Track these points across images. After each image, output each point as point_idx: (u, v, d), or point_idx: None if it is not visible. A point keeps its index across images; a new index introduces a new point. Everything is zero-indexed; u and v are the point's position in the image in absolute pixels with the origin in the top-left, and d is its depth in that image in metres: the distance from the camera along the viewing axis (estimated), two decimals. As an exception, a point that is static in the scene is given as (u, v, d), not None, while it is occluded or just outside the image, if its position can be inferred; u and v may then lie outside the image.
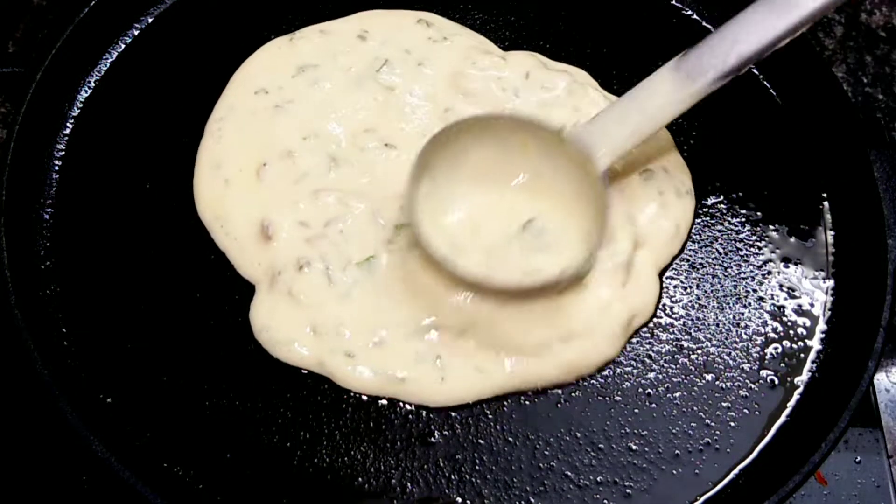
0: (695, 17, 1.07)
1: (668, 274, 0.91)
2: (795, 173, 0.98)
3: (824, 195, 0.96)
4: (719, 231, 0.94)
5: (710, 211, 0.95)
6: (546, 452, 0.82)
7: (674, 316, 0.89)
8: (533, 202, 0.88)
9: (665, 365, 0.87)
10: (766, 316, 0.90)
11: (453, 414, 0.84)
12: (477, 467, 0.82)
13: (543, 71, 0.98)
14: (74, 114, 0.98)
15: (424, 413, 0.84)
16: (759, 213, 0.95)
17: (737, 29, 0.84)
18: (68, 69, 0.98)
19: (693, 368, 0.87)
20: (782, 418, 0.85)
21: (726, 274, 0.92)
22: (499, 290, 0.83)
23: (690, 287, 0.91)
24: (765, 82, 1.03)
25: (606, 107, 0.89)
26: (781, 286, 0.92)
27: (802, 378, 0.87)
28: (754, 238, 0.94)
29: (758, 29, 0.83)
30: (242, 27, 1.03)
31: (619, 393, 0.85)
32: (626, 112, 0.87)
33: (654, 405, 0.85)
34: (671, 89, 0.85)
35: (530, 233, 0.87)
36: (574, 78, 0.98)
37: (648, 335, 0.88)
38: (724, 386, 0.86)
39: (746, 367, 0.87)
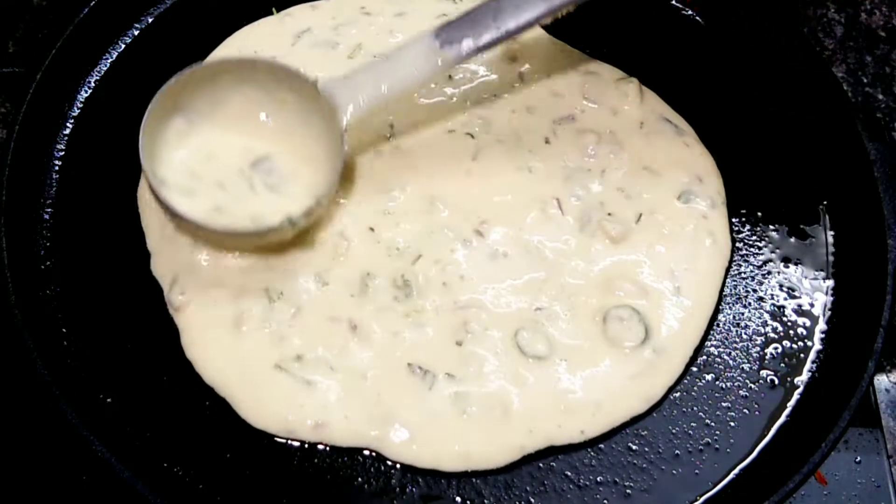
0: (695, 17, 1.07)
1: (668, 274, 0.91)
2: (795, 173, 0.98)
3: (824, 196, 0.96)
4: (719, 231, 0.94)
5: (710, 211, 0.95)
6: (546, 452, 0.82)
7: (674, 316, 0.89)
8: (272, 145, 0.90)
9: (665, 365, 0.87)
10: (766, 316, 0.90)
11: (453, 414, 0.84)
12: (477, 467, 0.82)
13: None
14: (74, 114, 0.98)
15: (424, 413, 0.84)
16: (759, 213, 0.95)
17: (500, 5, 0.88)
18: (68, 69, 0.98)
19: (693, 368, 0.87)
20: (782, 418, 0.85)
21: (726, 274, 0.92)
22: (222, 235, 0.85)
23: (690, 287, 0.91)
24: (764, 82, 1.03)
25: (362, 65, 0.91)
26: (781, 286, 0.92)
27: (802, 378, 0.87)
28: (754, 238, 0.94)
29: (520, 8, 0.87)
30: (242, 27, 1.03)
31: (619, 393, 0.85)
32: (378, 72, 0.89)
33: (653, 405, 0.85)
34: (425, 56, 0.88)
35: (260, 170, 0.88)
36: None
37: (648, 335, 0.88)
38: (724, 386, 0.86)
39: (746, 367, 0.87)
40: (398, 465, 0.81)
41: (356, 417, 0.82)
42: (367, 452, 0.82)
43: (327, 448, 0.82)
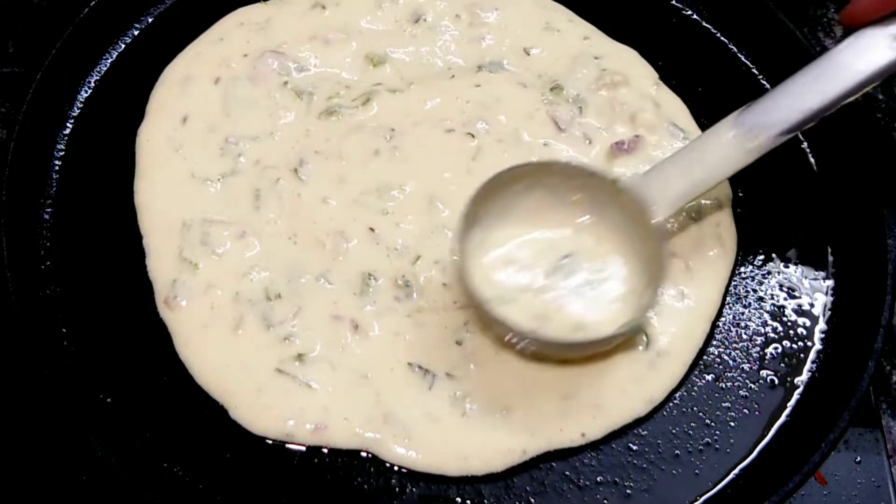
0: (695, 17, 1.07)
1: (668, 274, 0.91)
2: (795, 173, 0.98)
3: (824, 195, 0.96)
4: (719, 231, 0.94)
5: (710, 211, 0.95)
6: (546, 453, 0.82)
7: (674, 316, 0.89)
8: (580, 243, 0.86)
9: (665, 365, 0.87)
10: (766, 316, 0.90)
11: (453, 414, 0.84)
12: (477, 467, 0.82)
13: None
14: (74, 114, 0.98)
15: (424, 413, 0.84)
16: (758, 213, 0.95)
17: (801, 84, 0.82)
18: (68, 69, 0.98)
19: (693, 369, 0.86)
20: (782, 418, 0.85)
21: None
22: (545, 345, 0.82)
23: (690, 287, 0.91)
24: (764, 83, 1.03)
25: (665, 158, 0.87)
26: (781, 286, 0.92)
27: (802, 378, 0.87)
28: (754, 238, 0.94)
29: (823, 86, 0.81)
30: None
31: (619, 393, 0.85)
32: (684, 164, 0.85)
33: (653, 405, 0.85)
34: (732, 144, 0.83)
35: (567, 271, 0.85)
36: None
37: (648, 335, 0.88)
38: (724, 386, 0.86)
39: (746, 367, 0.87)
40: (397, 466, 0.81)
41: (355, 420, 0.82)
42: (365, 454, 0.82)
43: (327, 448, 0.82)
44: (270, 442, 0.82)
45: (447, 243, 0.89)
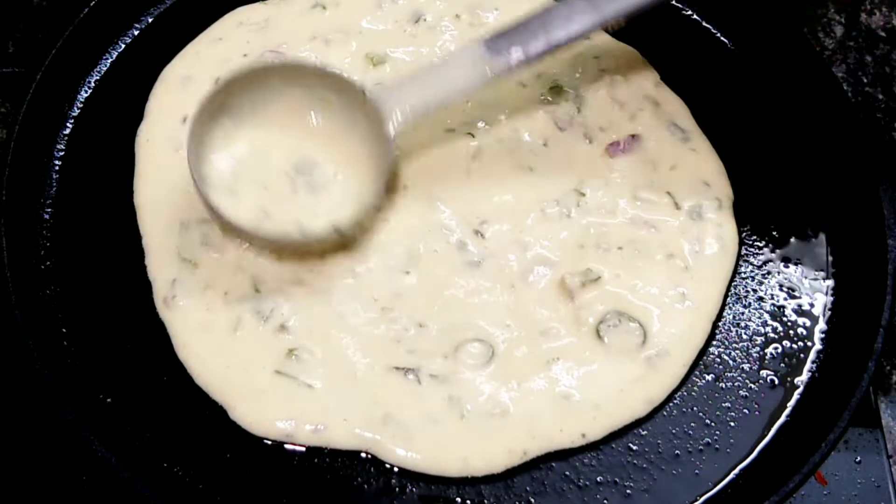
0: (695, 17, 1.07)
1: (668, 274, 0.91)
2: (795, 173, 0.98)
3: (824, 195, 0.96)
4: (719, 231, 0.94)
5: (710, 211, 0.95)
6: (546, 453, 0.82)
7: (674, 316, 0.89)
8: (316, 148, 0.90)
9: (665, 365, 0.87)
10: (766, 316, 0.90)
11: (453, 414, 0.84)
12: (477, 467, 0.82)
13: None
14: (74, 114, 0.98)
15: (424, 413, 0.84)
16: (758, 213, 0.95)
17: (551, 16, 0.88)
18: (68, 69, 0.98)
19: (693, 369, 0.86)
20: (782, 418, 0.85)
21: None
22: (268, 241, 0.86)
23: (690, 287, 0.91)
24: (764, 83, 1.03)
25: (410, 72, 0.91)
26: (781, 286, 0.92)
27: (802, 378, 0.87)
28: (754, 238, 0.94)
29: (571, 20, 0.88)
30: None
31: (619, 393, 0.85)
32: (426, 80, 0.89)
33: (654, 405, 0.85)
34: (473, 65, 0.88)
35: (304, 173, 0.88)
36: None
37: (648, 335, 0.88)
38: (724, 386, 0.86)
39: (746, 367, 0.87)
40: (397, 467, 0.81)
41: (354, 420, 0.82)
42: (365, 454, 0.82)
43: (327, 448, 0.82)
44: (270, 442, 0.82)
45: (448, 243, 0.89)
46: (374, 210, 0.88)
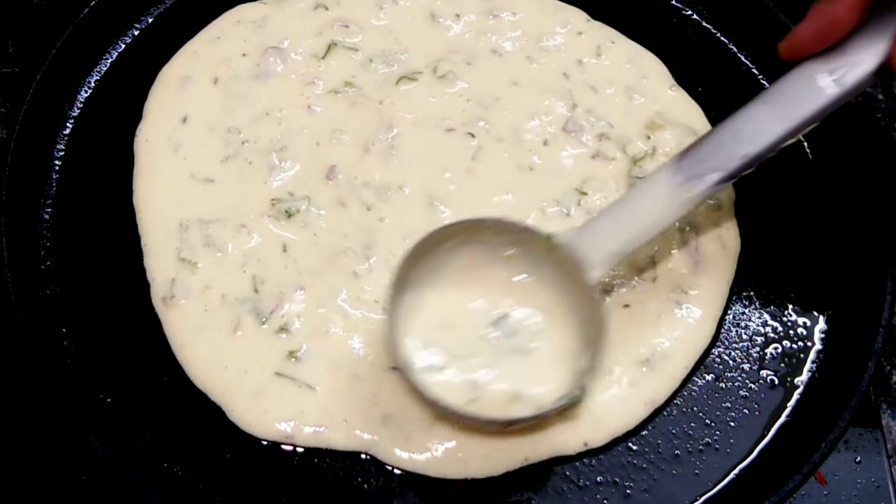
0: (695, 17, 1.07)
1: (668, 274, 0.91)
2: (795, 173, 0.98)
3: (824, 195, 0.96)
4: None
5: (710, 211, 0.95)
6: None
7: (674, 316, 0.89)
8: (514, 303, 0.83)
9: (665, 365, 0.87)
10: (766, 316, 0.90)
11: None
12: (477, 467, 0.82)
13: None
14: (74, 114, 0.98)
15: (424, 413, 0.84)
16: (758, 214, 0.95)
17: (738, 128, 0.79)
18: (68, 69, 0.98)
19: (694, 369, 0.86)
20: (782, 418, 0.85)
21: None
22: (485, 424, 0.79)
23: (690, 287, 0.91)
24: (764, 82, 1.03)
25: (599, 213, 0.83)
26: (781, 286, 0.91)
27: (802, 378, 0.87)
28: (755, 238, 0.94)
29: (761, 127, 0.78)
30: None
31: (619, 393, 0.85)
32: (620, 218, 0.81)
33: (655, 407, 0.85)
34: (669, 195, 0.79)
35: (502, 331, 0.81)
36: None
37: (648, 335, 0.88)
38: (724, 386, 0.86)
39: (746, 367, 0.87)
40: (397, 468, 0.81)
41: (354, 421, 0.82)
42: (364, 455, 0.82)
43: (327, 448, 0.82)
44: (270, 442, 0.82)
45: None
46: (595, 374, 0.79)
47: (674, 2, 1.08)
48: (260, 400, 0.83)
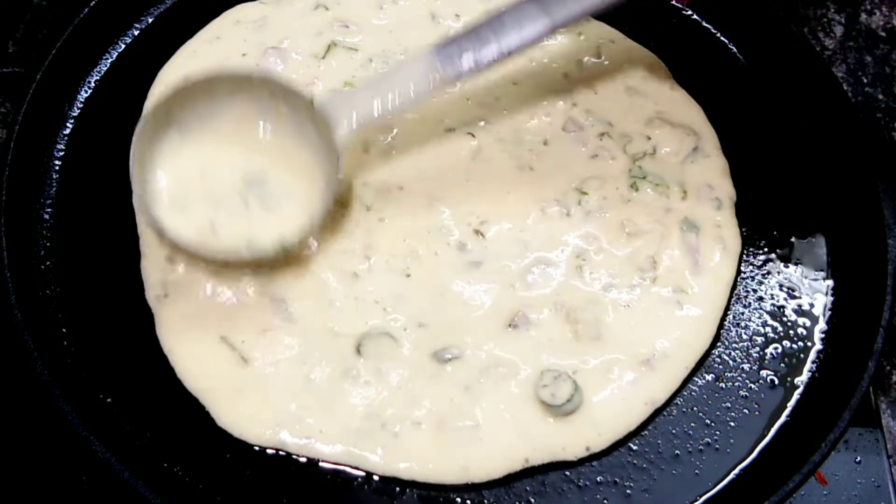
0: (695, 17, 1.07)
1: (668, 274, 0.91)
2: (795, 173, 0.98)
3: (824, 195, 0.96)
4: (719, 231, 0.94)
5: (710, 211, 0.95)
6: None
7: (674, 316, 0.89)
8: (266, 160, 0.88)
9: (665, 365, 0.87)
10: (766, 316, 0.90)
11: (453, 414, 0.84)
12: (477, 467, 0.82)
13: None
14: (74, 114, 0.98)
15: (424, 413, 0.84)
16: (759, 213, 0.95)
17: (502, 22, 0.86)
18: (68, 69, 0.98)
19: (693, 369, 0.86)
20: (782, 418, 0.85)
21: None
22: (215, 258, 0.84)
23: (690, 287, 0.91)
24: (764, 83, 1.03)
25: (360, 81, 0.91)
26: (781, 286, 0.92)
27: (802, 378, 0.87)
28: (754, 238, 0.94)
29: (523, 25, 0.86)
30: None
31: (619, 393, 0.85)
32: (375, 89, 0.87)
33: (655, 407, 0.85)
34: (424, 72, 0.86)
35: (254, 187, 0.87)
36: None
37: (648, 335, 0.88)
38: (724, 386, 0.86)
39: (746, 367, 0.87)
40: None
41: (350, 429, 0.81)
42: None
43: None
44: (270, 442, 0.82)
45: (446, 243, 0.89)
46: (321, 225, 0.86)
47: (674, 2, 1.08)
48: (250, 407, 0.82)
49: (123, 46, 1.02)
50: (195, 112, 0.87)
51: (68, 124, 0.97)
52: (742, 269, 0.92)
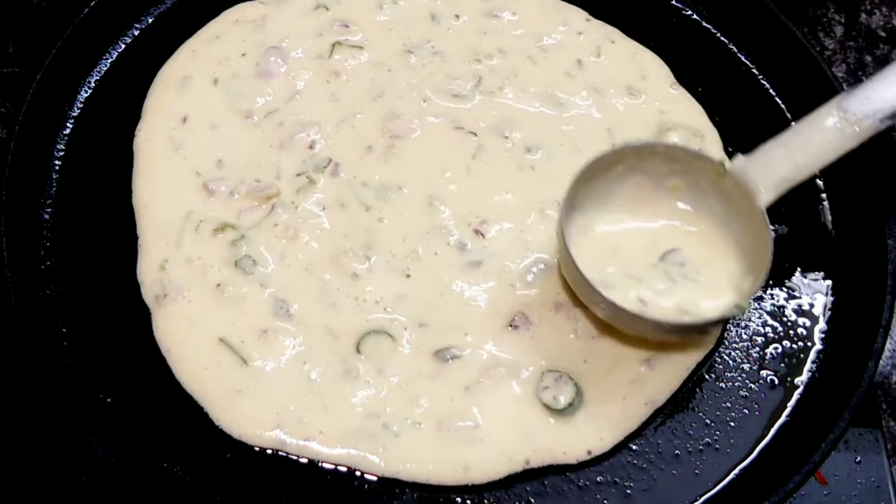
0: (695, 17, 1.07)
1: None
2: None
3: (824, 195, 0.96)
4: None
5: (711, 211, 0.95)
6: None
7: (674, 316, 0.89)
8: (679, 232, 0.86)
9: (665, 365, 0.87)
10: (766, 316, 0.90)
11: (453, 414, 0.84)
12: (477, 467, 0.82)
13: None
14: (74, 114, 0.98)
15: (424, 413, 0.84)
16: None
17: None
18: (68, 69, 0.98)
19: (694, 369, 0.86)
20: (782, 418, 0.85)
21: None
22: (653, 328, 0.81)
23: (690, 287, 0.91)
24: (764, 82, 1.03)
25: (768, 142, 0.84)
26: (781, 286, 0.92)
27: (802, 378, 0.87)
28: (754, 238, 0.94)
29: None
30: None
31: (620, 393, 0.85)
32: (789, 148, 0.83)
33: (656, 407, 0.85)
34: (836, 128, 0.82)
35: (671, 261, 0.85)
36: None
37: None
38: (724, 386, 0.86)
39: (746, 367, 0.87)
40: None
41: (349, 430, 0.81)
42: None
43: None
44: (270, 442, 0.82)
45: (446, 243, 0.89)
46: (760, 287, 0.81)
47: (674, 2, 1.08)
48: (247, 407, 0.82)
49: (123, 46, 1.02)
50: (594, 193, 0.85)
51: (68, 124, 0.97)
52: (742, 269, 0.92)
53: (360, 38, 1.02)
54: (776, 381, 0.87)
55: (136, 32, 1.03)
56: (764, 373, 0.87)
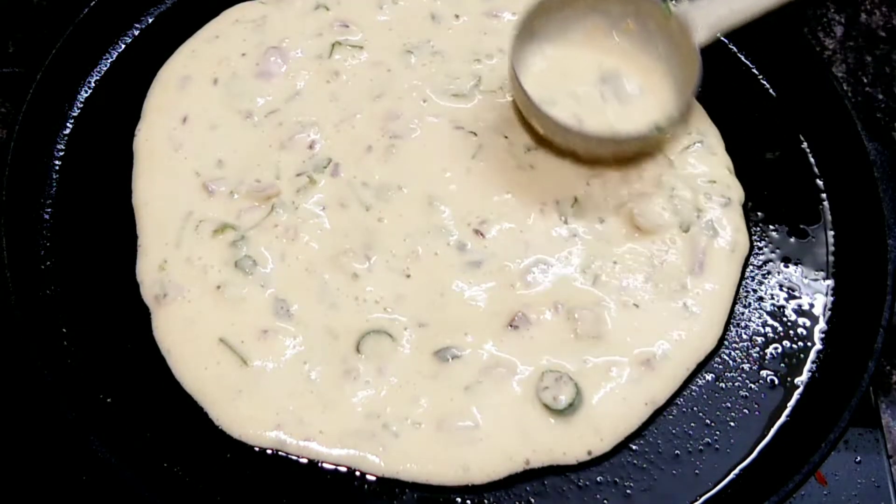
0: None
1: (668, 274, 0.91)
2: (795, 173, 0.98)
3: (824, 195, 0.96)
4: (719, 231, 0.94)
5: (711, 211, 0.95)
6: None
7: (674, 316, 0.89)
8: (623, 63, 0.97)
9: (665, 365, 0.87)
10: (766, 316, 0.90)
11: (453, 414, 0.84)
12: (477, 467, 0.82)
13: None
14: (74, 114, 0.98)
15: (424, 413, 0.84)
16: (759, 214, 0.95)
17: None
18: (68, 69, 0.98)
19: (694, 369, 0.86)
20: (782, 418, 0.85)
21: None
22: (586, 140, 0.90)
23: (690, 287, 0.91)
24: (764, 82, 1.03)
25: None
26: (781, 286, 0.92)
27: (802, 378, 0.87)
28: (754, 238, 0.94)
29: None
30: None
31: (619, 393, 0.85)
32: None
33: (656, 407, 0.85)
34: None
35: (610, 85, 0.95)
36: None
37: (648, 335, 0.88)
38: (724, 386, 0.86)
39: (746, 367, 0.87)
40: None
41: (347, 430, 0.81)
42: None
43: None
44: (270, 442, 0.82)
45: (446, 243, 0.89)
46: (683, 119, 0.94)
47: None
48: (247, 408, 0.82)
49: (123, 46, 1.03)
50: (553, 24, 0.96)
51: (68, 124, 0.97)
52: (742, 269, 0.92)
53: (360, 38, 1.02)
54: (776, 381, 0.87)
55: (136, 32, 1.03)
56: (764, 373, 0.87)
